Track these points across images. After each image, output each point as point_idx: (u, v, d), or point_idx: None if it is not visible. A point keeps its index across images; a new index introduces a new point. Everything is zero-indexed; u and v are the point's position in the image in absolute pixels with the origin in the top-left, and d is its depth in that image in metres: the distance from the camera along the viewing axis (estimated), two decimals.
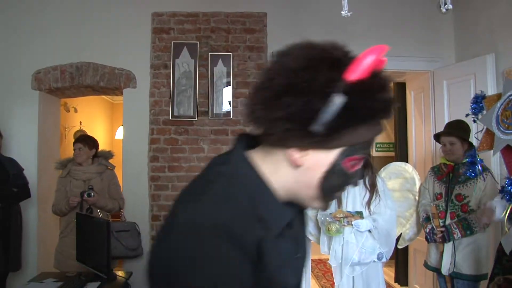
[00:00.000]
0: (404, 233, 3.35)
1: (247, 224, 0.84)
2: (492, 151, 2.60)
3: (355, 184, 0.97)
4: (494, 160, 3.56)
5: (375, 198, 2.93)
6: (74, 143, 3.87)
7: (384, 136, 6.63)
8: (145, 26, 4.32)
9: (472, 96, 3.91)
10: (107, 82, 4.22)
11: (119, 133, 6.74)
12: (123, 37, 4.29)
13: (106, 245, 3.13)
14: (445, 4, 2.16)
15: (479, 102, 2.73)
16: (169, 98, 4.25)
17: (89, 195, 3.60)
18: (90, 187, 3.64)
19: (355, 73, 0.83)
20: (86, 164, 3.81)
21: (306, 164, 0.89)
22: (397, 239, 3.30)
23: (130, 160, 4.21)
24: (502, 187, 2.49)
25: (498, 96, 2.57)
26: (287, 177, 0.91)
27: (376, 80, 0.85)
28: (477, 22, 4.22)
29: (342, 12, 2.20)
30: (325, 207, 0.96)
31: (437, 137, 3.42)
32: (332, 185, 0.91)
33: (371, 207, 2.94)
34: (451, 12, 4.58)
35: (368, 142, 0.89)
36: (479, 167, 2.86)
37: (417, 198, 3.32)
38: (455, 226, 3.09)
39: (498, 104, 2.51)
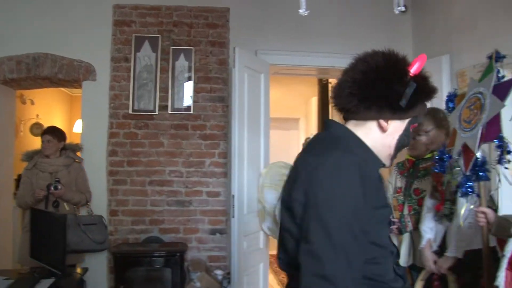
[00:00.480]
0: None
1: (366, 164, 1.23)
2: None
3: (408, 144, 1.42)
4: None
5: None
6: (42, 135, 3.81)
7: None
8: (106, 18, 4.23)
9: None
10: (65, 74, 4.13)
11: (78, 126, 6.61)
12: (83, 29, 4.20)
13: (62, 240, 3.07)
14: (398, 6, 2.23)
15: (453, 100, 2.75)
16: (130, 92, 4.19)
17: (55, 188, 3.56)
18: (56, 179, 3.59)
19: (415, 69, 1.30)
20: (53, 156, 3.75)
21: (389, 130, 1.33)
22: None
23: (88, 154, 4.12)
24: (457, 185, 2.55)
25: (463, 96, 2.61)
26: (376, 139, 1.34)
27: (425, 74, 1.33)
28: (434, 24, 4.34)
29: (300, 11, 2.23)
30: (390, 164, 1.42)
31: None
32: (401, 144, 1.37)
33: None
34: (410, 14, 4.70)
35: (423, 114, 1.39)
36: (447, 163, 2.91)
37: None
38: (408, 219, 3.17)
39: (462, 103, 2.55)
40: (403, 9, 2.26)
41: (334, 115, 6.65)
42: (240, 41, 4.30)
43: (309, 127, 6.96)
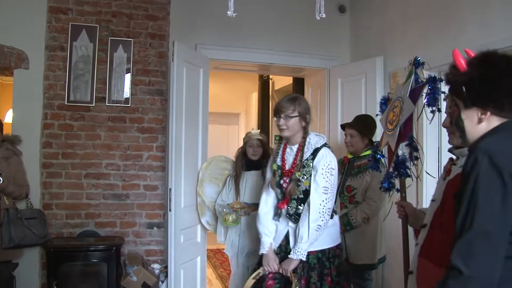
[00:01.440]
0: None
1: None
2: None
3: None
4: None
5: None
6: None
7: None
8: (41, 3, 4.04)
9: (365, 94, 4.20)
10: None
11: (9, 116, 6.31)
12: (15, 13, 4.00)
13: None
14: (320, 12, 2.33)
15: (385, 103, 2.89)
16: (65, 82, 4.07)
17: None
18: None
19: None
20: None
21: None
22: None
23: (21, 145, 3.94)
24: (381, 181, 2.71)
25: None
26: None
27: None
28: (370, 25, 4.52)
29: (228, 12, 2.26)
30: None
31: (343, 127, 3.59)
32: None
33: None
34: (348, 15, 4.87)
35: None
36: (384, 161, 3.04)
37: None
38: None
39: (388, 106, 2.72)
40: (323, 15, 2.34)
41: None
42: (180, 34, 4.29)
43: (249, 122, 7.03)
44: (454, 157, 2.11)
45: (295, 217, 2.67)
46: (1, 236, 3.40)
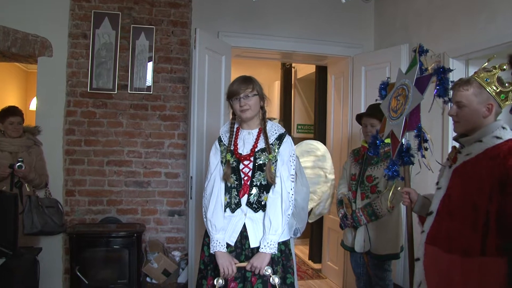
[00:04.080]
0: (315, 209, 3.48)
1: None
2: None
3: None
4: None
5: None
6: (10, 116, 3.71)
7: (306, 117, 6.79)
8: None
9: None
10: (19, 49, 3.97)
11: (34, 104, 6.40)
12: (39, 2, 4.03)
13: (14, 219, 3.01)
14: None
15: (386, 89, 2.89)
16: (88, 70, 4.09)
17: (20, 167, 3.52)
18: (20, 159, 3.55)
19: None
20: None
21: None
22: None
23: (44, 132, 4.00)
24: (385, 169, 2.74)
25: (393, 85, 2.75)
26: None
27: None
28: (395, 13, 4.42)
29: None
30: None
31: (359, 118, 3.53)
32: None
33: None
34: (373, 2, 4.76)
35: None
36: (380, 149, 3.04)
37: (328, 175, 3.43)
38: (360, 213, 3.25)
39: (391, 93, 2.70)
40: None
41: (296, 99, 6.71)
42: (203, 22, 4.26)
43: (271, 111, 6.98)
44: (457, 145, 2.09)
45: (256, 206, 2.40)
46: (23, 222, 3.48)
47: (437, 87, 2.36)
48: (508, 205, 1.68)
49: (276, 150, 2.42)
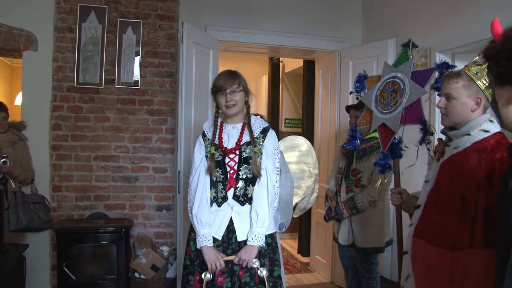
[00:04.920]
0: (299, 203, 3.49)
1: None
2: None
3: None
4: None
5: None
6: None
7: (293, 112, 6.80)
8: None
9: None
10: (3, 43, 3.92)
11: (19, 99, 6.33)
12: None
13: None
14: None
15: (361, 81, 2.90)
16: (74, 64, 4.05)
17: (4, 163, 3.46)
18: (4, 155, 3.49)
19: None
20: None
21: None
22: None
23: (30, 128, 3.95)
24: (375, 162, 2.75)
25: (378, 78, 2.76)
26: None
27: None
28: (383, 8, 4.44)
29: None
30: None
31: (348, 109, 3.54)
32: None
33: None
34: None
35: None
36: (358, 142, 3.06)
37: (311, 170, 3.45)
38: (343, 206, 3.28)
39: (378, 85, 2.71)
40: None
41: (284, 94, 6.71)
42: (190, 16, 4.23)
43: (259, 106, 6.97)
44: (444, 137, 2.11)
45: (243, 199, 2.40)
46: (8, 218, 3.44)
47: (439, 82, 2.35)
48: (495, 198, 1.70)
49: (261, 144, 2.43)
